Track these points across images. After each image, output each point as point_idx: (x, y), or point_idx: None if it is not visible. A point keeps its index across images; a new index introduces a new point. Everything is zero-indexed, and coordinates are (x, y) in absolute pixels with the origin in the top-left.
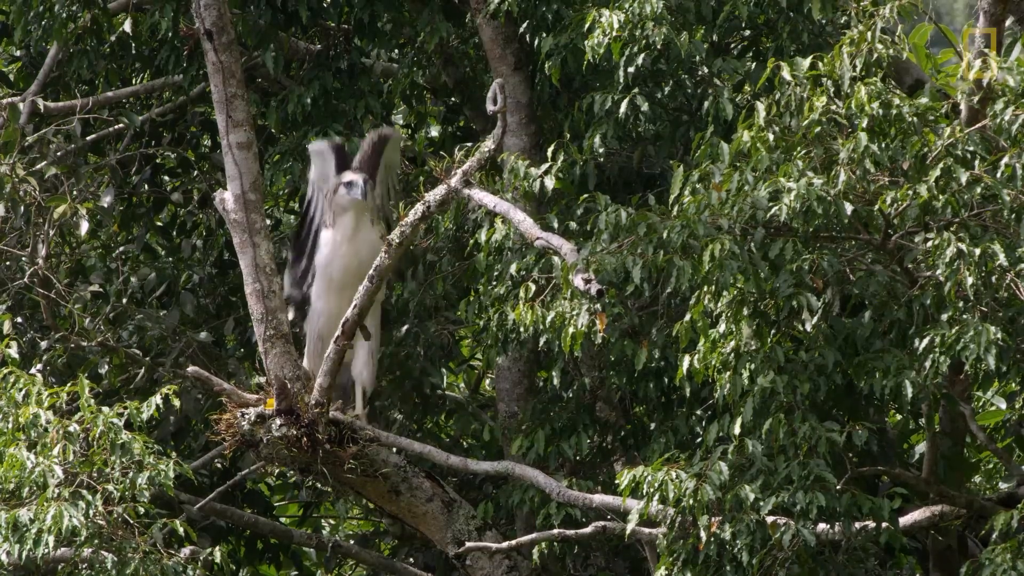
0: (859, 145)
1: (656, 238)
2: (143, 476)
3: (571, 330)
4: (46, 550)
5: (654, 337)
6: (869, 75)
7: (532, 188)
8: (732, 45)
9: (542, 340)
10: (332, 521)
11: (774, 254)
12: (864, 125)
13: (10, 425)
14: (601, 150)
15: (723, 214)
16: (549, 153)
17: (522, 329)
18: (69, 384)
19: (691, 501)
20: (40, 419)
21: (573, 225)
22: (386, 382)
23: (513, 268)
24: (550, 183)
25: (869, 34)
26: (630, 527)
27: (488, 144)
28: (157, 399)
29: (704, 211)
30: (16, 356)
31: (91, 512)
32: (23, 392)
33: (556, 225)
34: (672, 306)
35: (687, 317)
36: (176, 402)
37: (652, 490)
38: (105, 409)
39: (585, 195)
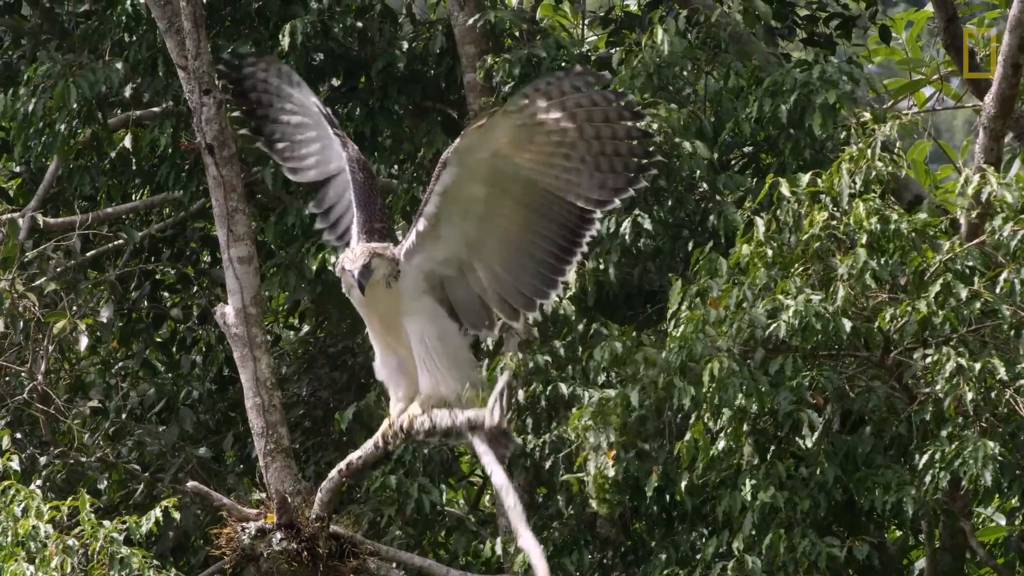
0: (858, 261)
1: (655, 365)
2: None
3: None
4: None
5: (654, 453)
6: (868, 191)
7: None
8: (733, 162)
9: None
10: None
11: (774, 371)
12: (863, 241)
13: (9, 539)
14: (613, 274)
15: (721, 332)
16: None
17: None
18: (70, 498)
19: None
20: (39, 532)
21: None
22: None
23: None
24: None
25: (868, 151)
26: None
27: (490, 405)
28: (156, 512)
29: (702, 329)
30: (17, 469)
31: None
32: (23, 506)
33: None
34: (674, 423)
35: (687, 436)
36: (176, 515)
37: None
38: (105, 523)
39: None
